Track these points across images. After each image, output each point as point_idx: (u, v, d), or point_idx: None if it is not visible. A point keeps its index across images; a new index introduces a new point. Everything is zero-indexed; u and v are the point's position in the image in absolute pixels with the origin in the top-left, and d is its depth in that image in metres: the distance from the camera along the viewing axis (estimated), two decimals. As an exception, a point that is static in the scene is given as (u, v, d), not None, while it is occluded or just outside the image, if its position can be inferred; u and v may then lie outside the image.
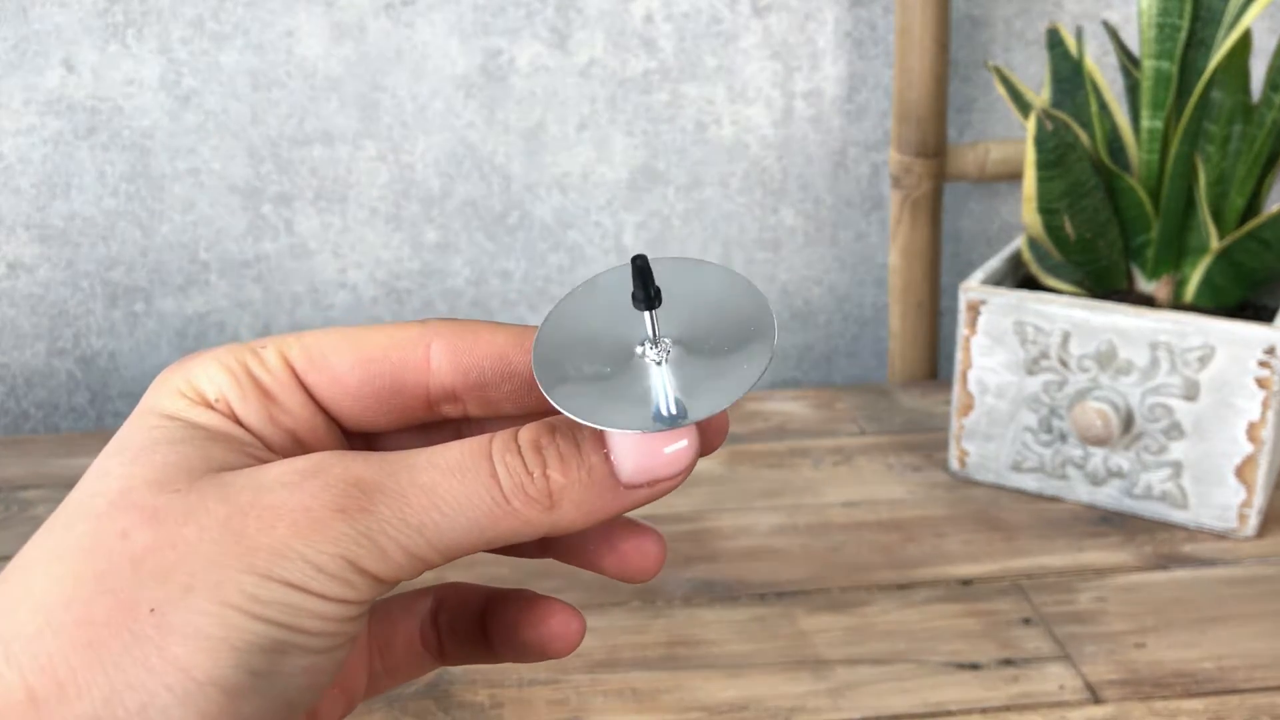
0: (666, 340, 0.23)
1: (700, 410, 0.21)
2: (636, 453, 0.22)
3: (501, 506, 0.21)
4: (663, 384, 0.22)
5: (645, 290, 0.21)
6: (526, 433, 0.22)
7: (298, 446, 0.24)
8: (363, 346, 0.24)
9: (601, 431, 0.22)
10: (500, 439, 0.22)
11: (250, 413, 0.23)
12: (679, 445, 0.22)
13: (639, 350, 0.23)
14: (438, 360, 0.24)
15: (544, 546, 0.26)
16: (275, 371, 0.23)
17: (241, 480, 0.21)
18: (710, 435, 0.23)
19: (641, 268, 0.21)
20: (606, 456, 0.22)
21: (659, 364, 0.22)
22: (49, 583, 0.19)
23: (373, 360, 0.24)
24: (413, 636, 0.26)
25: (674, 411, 0.22)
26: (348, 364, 0.24)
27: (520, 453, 0.22)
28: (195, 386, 0.23)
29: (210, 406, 0.23)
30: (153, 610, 0.19)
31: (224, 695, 0.19)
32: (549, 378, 0.22)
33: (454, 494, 0.21)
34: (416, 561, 0.21)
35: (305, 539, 0.20)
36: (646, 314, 0.22)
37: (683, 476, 0.22)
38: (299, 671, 0.20)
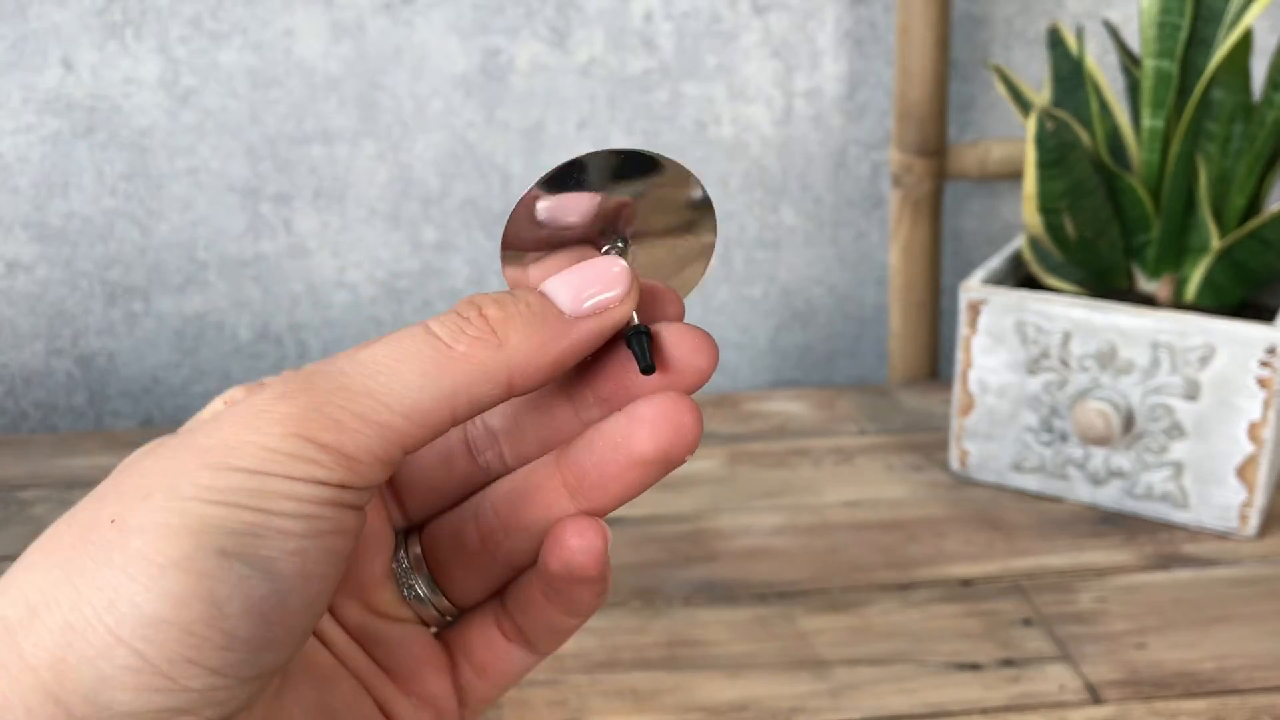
0: (620, 243, 0.24)
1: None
2: (568, 282, 0.22)
3: (445, 352, 0.21)
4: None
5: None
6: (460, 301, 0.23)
7: None
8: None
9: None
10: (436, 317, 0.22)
11: None
12: (611, 267, 0.23)
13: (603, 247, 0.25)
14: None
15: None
16: None
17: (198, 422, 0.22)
18: (661, 295, 0.24)
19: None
20: (544, 294, 0.22)
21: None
22: (35, 543, 0.20)
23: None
24: (488, 627, 0.25)
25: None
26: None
27: (454, 311, 0.22)
28: (211, 407, 0.24)
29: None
30: (113, 520, 0.19)
31: (191, 576, 0.18)
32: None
33: (393, 355, 0.21)
34: (378, 427, 0.20)
35: (252, 427, 0.20)
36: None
37: (620, 296, 0.22)
38: (282, 555, 0.19)
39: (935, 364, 0.71)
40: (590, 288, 0.22)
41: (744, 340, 0.74)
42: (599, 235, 0.24)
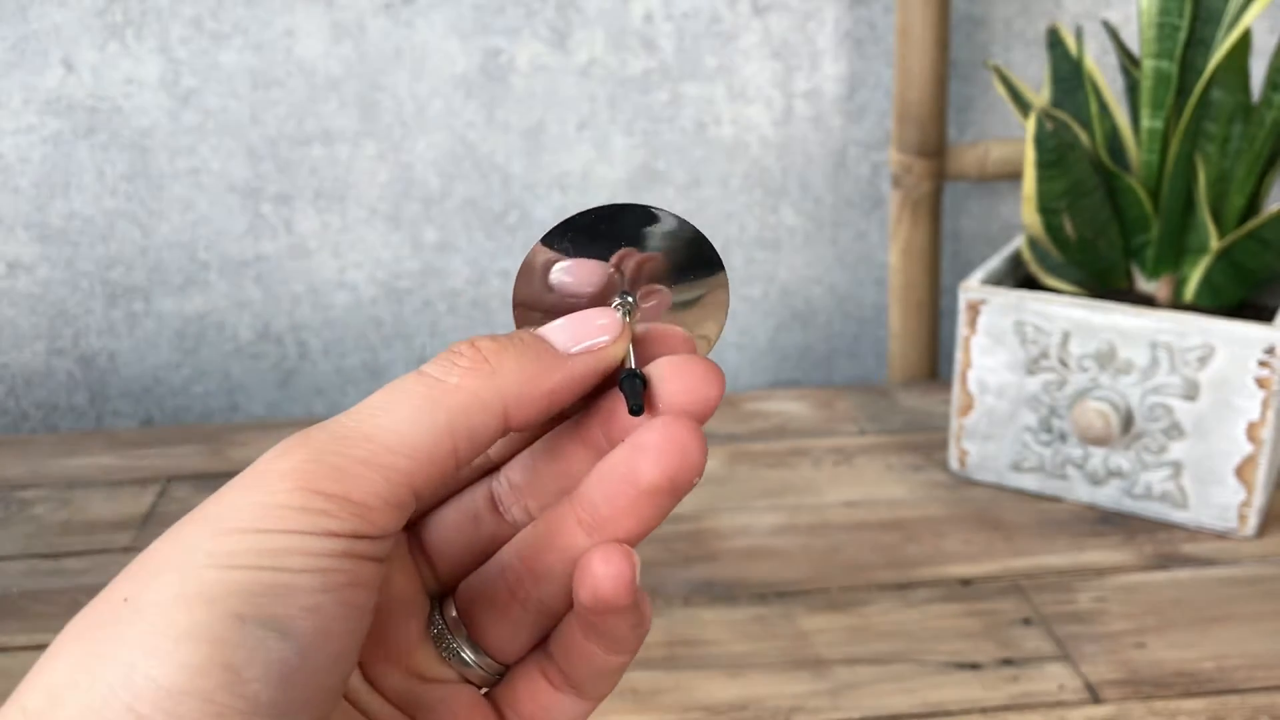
0: (629, 299, 0.25)
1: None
2: (563, 325, 0.23)
3: (439, 387, 0.21)
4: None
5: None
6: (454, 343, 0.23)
7: None
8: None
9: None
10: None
11: None
12: (604, 314, 0.24)
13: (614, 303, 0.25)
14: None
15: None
16: None
17: None
18: (663, 339, 0.24)
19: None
20: (537, 333, 0.23)
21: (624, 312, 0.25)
22: (58, 636, 0.20)
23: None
24: (534, 679, 0.25)
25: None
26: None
27: (447, 350, 0.22)
28: None
29: None
30: (126, 599, 0.19)
31: (206, 644, 0.18)
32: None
33: (387, 399, 0.21)
34: (381, 469, 0.20)
35: (255, 489, 0.20)
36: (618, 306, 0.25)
37: (612, 337, 0.23)
38: (298, 613, 0.19)
39: (935, 364, 0.71)
40: (584, 329, 0.23)
41: (744, 340, 0.74)
42: (607, 294, 0.25)
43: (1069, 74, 0.56)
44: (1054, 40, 0.57)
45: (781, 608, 0.49)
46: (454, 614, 0.25)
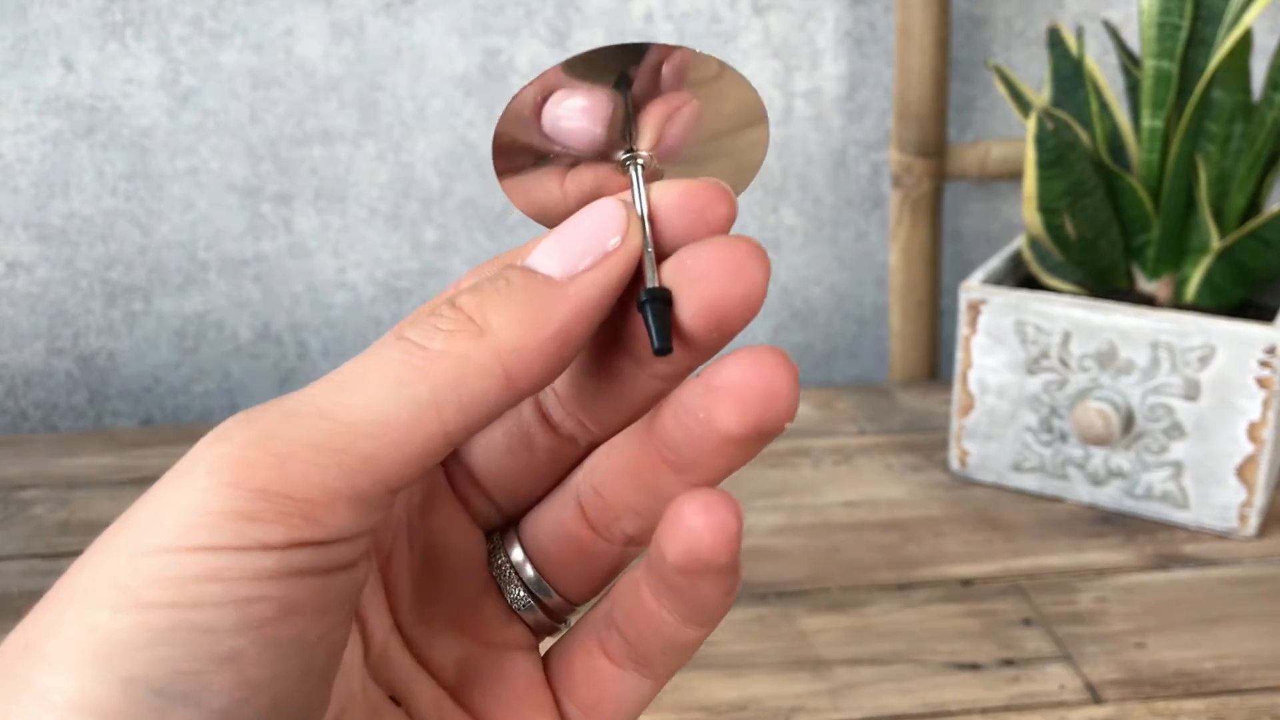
0: (640, 156, 0.20)
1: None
2: (552, 244, 0.18)
3: (419, 354, 0.17)
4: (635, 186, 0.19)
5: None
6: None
7: None
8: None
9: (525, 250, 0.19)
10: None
11: None
12: (600, 209, 0.19)
13: (620, 157, 0.20)
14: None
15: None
16: None
17: None
18: (707, 216, 0.19)
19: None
20: (525, 267, 0.18)
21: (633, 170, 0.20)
22: None
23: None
24: (592, 654, 0.21)
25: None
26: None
27: (427, 309, 0.18)
28: None
29: None
30: (27, 646, 0.16)
31: (95, 718, 0.15)
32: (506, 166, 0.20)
33: (358, 369, 0.17)
34: (335, 454, 0.16)
35: (183, 480, 0.16)
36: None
37: (619, 236, 0.18)
38: (212, 667, 0.15)
39: (935, 364, 0.71)
40: (578, 239, 0.18)
41: (743, 340, 0.74)
42: (611, 145, 0.20)
43: (1069, 73, 0.56)
44: (1054, 40, 0.57)
45: (781, 608, 0.49)
46: (518, 555, 0.21)
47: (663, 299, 0.18)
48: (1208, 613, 0.48)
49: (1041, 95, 0.57)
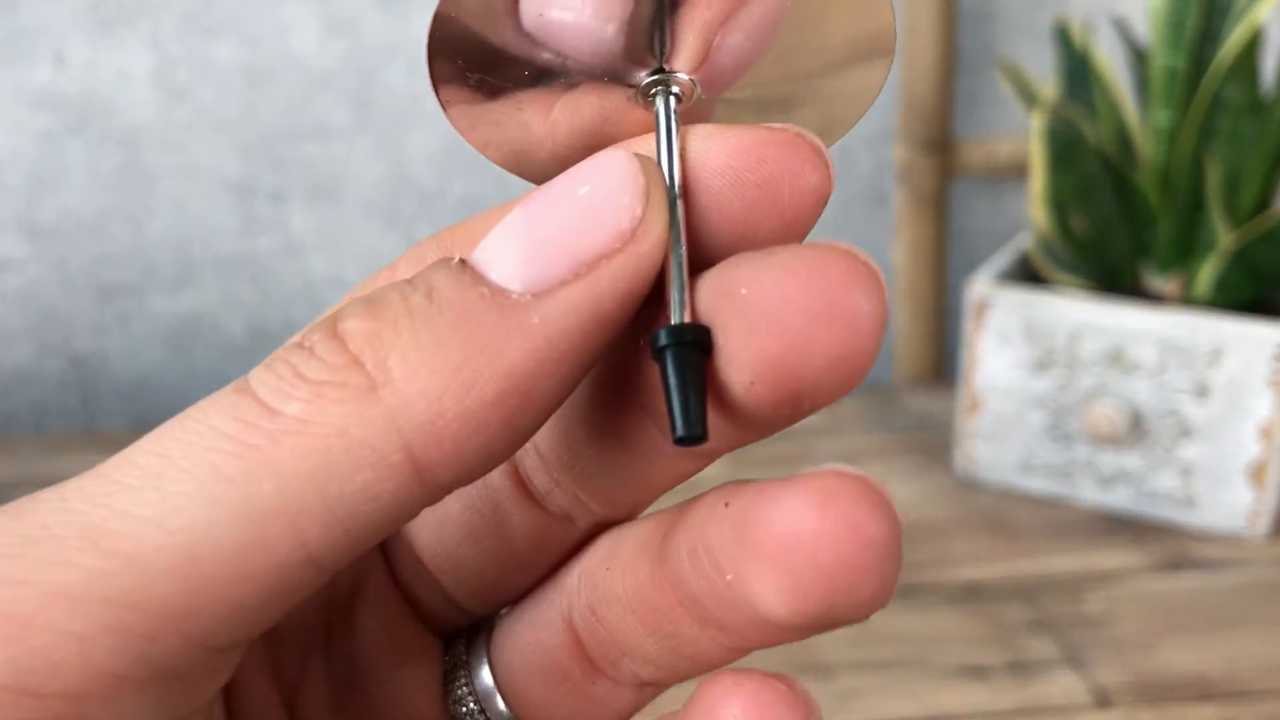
0: (675, 82, 0.12)
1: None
2: (519, 229, 0.11)
3: (263, 425, 0.11)
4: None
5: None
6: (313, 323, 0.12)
7: None
8: None
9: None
10: None
11: None
12: (607, 170, 0.11)
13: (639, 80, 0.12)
14: None
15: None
16: None
17: None
18: (799, 190, 0.12)
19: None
20: (464, 265, 0.11)
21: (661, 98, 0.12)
22: None
23: None
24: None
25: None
26: None
27: (294, 341, 0.12)
28: None
29: None
30: None
31: None
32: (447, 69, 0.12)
33: (160, 448, 0.11)
34: (120, 612, 0.10)
35: None
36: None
37: (625, 230, 0.11)
38: None
39: (941, 364, 0.71)
40: (561, 227, 0.11)
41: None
42: (630, 57, 0.12)
43: (1078, 69, 0.56)
44: (1062, 35, 0.56)
45: (785, 612, 0.48)
46: (486, 680, 0.15)
47: (695, 345, 0.11)
48: (1218, 616, 0.47)
49: (1049, 91, 0.57)
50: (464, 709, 0.15)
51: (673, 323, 0.11)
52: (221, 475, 0.11)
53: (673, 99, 0.12)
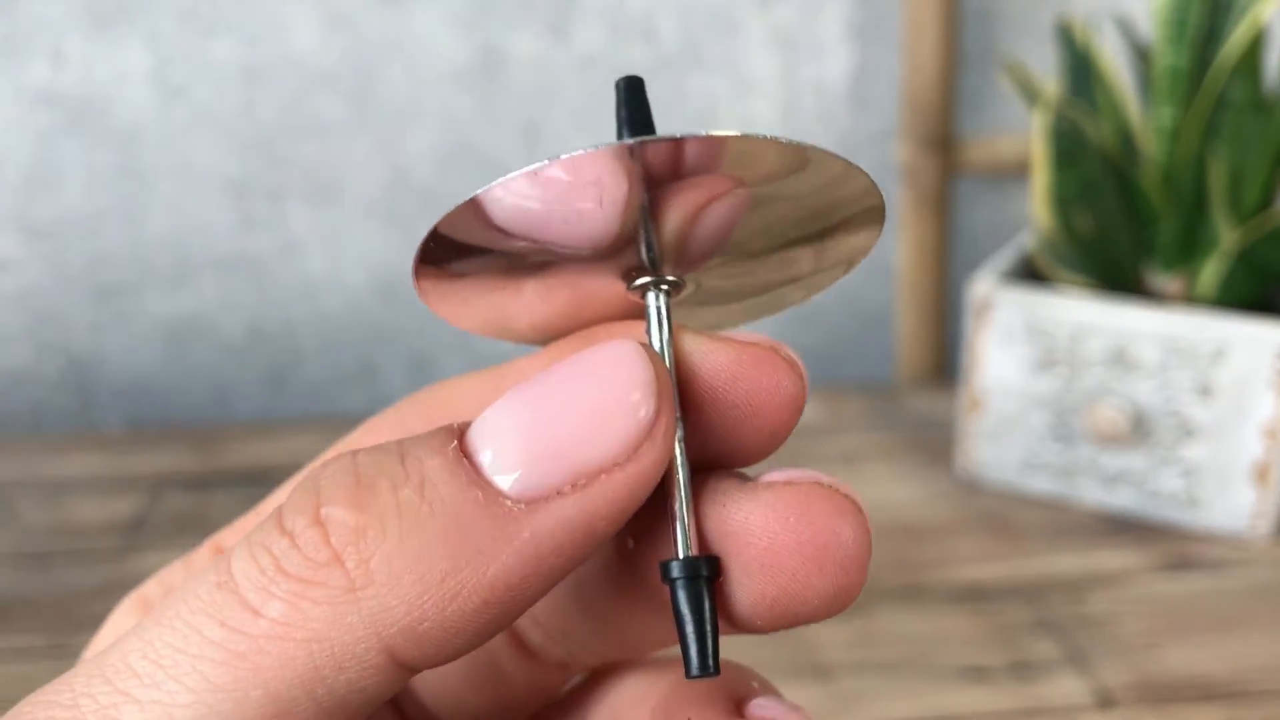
0: (666, 283, 0.13)
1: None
2: (520, 421, 0.11)
3: (242, 630, 0.11)
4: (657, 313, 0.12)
5: (636, 122, 0.12)
6: (297, 484, 0.12)
7: None
8: None
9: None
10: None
11: None
12: (618, 367, 0.11)
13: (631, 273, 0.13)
14: None
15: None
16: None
17: None
18: (776, 400, 0.12)
19: (632, 84, 0.13)
20: (460, 457, 0.11)
21: (655, 292, 0.13)
22: None
23: None
24: None
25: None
26: None
27: (277, 516, 0.11)
28: (97, 649, 0.17)
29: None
30: None
31: None
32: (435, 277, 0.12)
33: (156, 654, 0.11)
34: None
35: None
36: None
37: (634, 439, 0.11)
38: None
39: (943, 363, 0.70)
40: (566, 428, 0.11)
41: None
42: (612, 246, 0.13)
43: (1081, 67, 0.56)
44: (1065, 33, 0.56)
45: (786, 613, 0.48)
46: None
47: (707, 580, 0.11)
48: (1221, 617, 0.47)
49: (1052, 89, 0.56)
50: None
51: (680, 556, 0.12)
52: (213, 685, 0.11)
53: (664, 296, 0.13)
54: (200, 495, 0.58)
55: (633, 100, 0.13)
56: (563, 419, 0.11)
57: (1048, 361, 0.53)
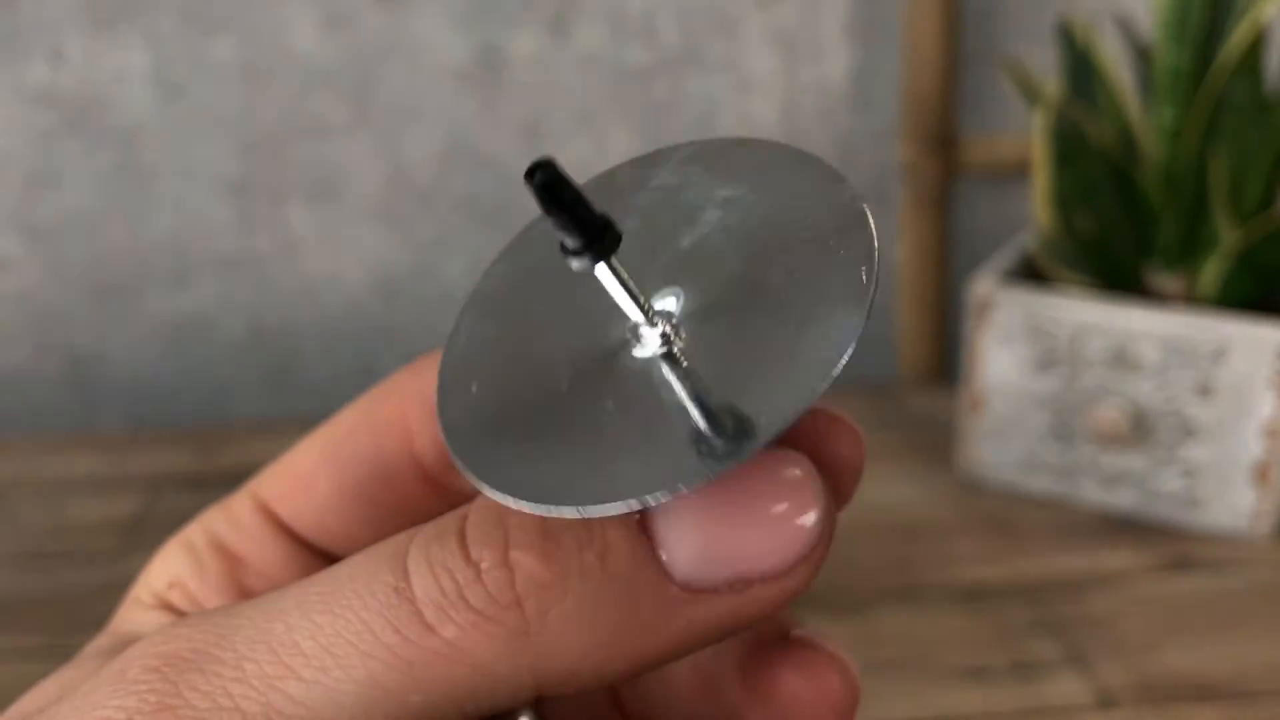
0: (670, 313, 0.13)
1: (774, 415, 0.11)
2: (703, 519, 0.12)
3: (415, 642, 0.12)
4: (683, 388, 0.12)
5: (578, 223, 0.11)
6: (479, 508, 0.13)
7: None
8: (339, 449, 0.18)
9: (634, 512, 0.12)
10: (430, 528, 0.13)
11: (210, 590, 0.18)
12: (788, 491, 0.12)
13: (628, 340, 0.13)
14: (422, 431, 0.17)
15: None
16: (246, 525, 0.18)
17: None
18: (838, 469, 0.14)
19: (548, 183, 0.11)
20: (640, 533, 0.12)
21: (668, 357, 0.13)
22: None
23: (351, 462, 0.17)
24: None
25: (726, 430, 0.11)
26: (330, 481, 0.18)
27: (459, 538, 0.12)
28: (150, 586, 0.18)
29: (162, 605, 0.18)
30: None
31: None
32: (469, 440, 0.12)
33: (326, 640, 0.12)
34: None
35: None
36: (603, 271, 0.12)
37: (802, 566, 0.12)
38: None
39: (943, 363, 0.70)
40: (741, 537, 0.12)
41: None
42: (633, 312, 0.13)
43: (1081, 67, 0.56)
44: (1066, 33, 0.56)
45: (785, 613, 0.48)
46: None
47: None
48: (1222, 617, 0.47)
49: (1053, 89, 0.56)
50: None
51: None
52: (378, 684, 0.12)
53: (666, 341, 0.13)
54: (200, 495, 0.58)
55: (553, 200, 0.11)
56: (740, 528, 0.12)
57: (1048, 361, 0.53)
